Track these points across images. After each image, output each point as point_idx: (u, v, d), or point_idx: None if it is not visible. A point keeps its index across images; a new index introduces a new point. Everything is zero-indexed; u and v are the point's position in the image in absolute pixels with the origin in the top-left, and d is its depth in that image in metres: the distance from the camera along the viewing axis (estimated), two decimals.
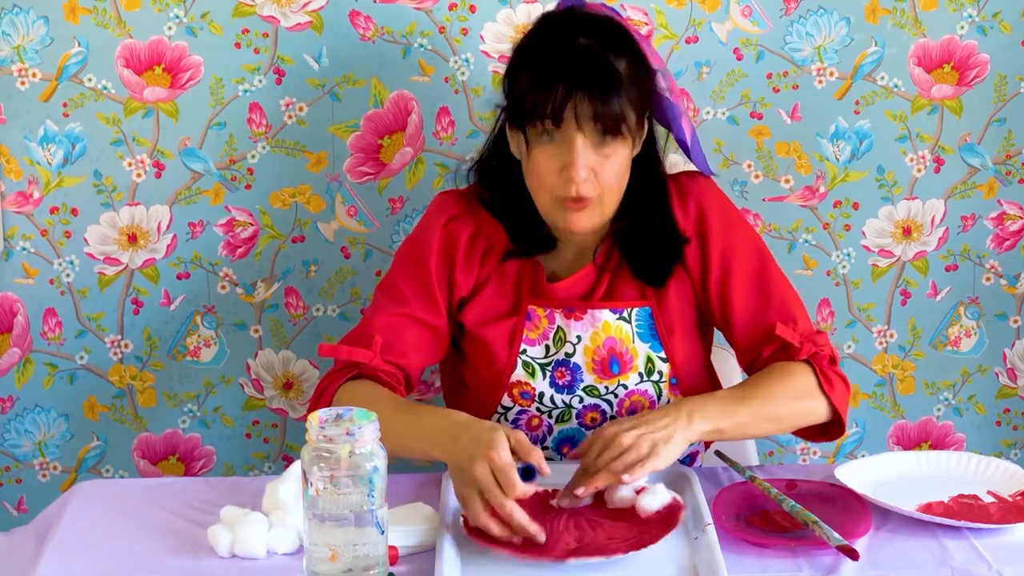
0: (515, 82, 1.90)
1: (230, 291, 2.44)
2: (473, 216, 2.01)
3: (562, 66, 1.84)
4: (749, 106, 2.41)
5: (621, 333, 1.97)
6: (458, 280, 2.00)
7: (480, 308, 2.01)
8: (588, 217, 1.90)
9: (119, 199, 2.38)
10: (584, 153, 1.84)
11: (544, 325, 1.98)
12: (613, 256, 2.00)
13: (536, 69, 1.86)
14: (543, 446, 2.00)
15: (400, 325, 1.97)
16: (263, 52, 2.33)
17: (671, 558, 1.68)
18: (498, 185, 2.00)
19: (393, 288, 2.01)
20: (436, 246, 1.99)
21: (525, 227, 1.99)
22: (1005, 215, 2.50)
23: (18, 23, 2.29)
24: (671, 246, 1.98)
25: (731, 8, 2.37)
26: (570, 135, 1.84)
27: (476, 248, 2.00)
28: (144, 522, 1.80)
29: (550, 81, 1.83)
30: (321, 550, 1.57)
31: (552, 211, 1.91)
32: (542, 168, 1.88)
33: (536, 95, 1.84)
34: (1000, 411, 2.60)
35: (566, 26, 1.90)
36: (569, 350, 1.97)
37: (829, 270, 2.50)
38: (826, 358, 1.96)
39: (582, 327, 1.97)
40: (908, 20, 2.39)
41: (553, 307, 1.98)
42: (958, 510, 1.79)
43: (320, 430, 1.56)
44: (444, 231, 1.99)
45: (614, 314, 1.98)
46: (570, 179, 1.85)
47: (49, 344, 2.43)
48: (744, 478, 1.89)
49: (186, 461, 2.51)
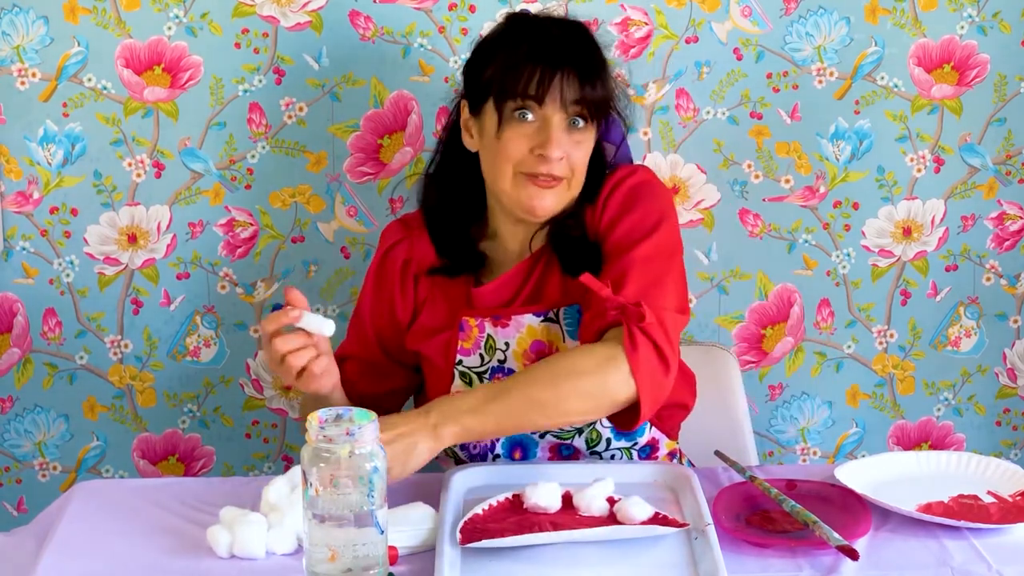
0: (484, 67, 1.92)
1: (230, 291, 2.44)
2: (408, 241, 2.04)
3: (547, 43, 1.87)
4: (749, 106, 2.41)
5: (549, 335, 1.96)
6: (397, 310, 2.04)
7: (420, 328, 2.03)
8: (554, 197, 1.91)
9: (119, 199, 2.38)
10: (561, 132, 1.87)
11: (475, 334, 1.98)
12: (540, 261, 1.99)
13: (514, 51, 1.88)
14: (494, 454, 1.98)
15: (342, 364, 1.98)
16: (263, 52, 2.33)
17: (671, 558, 1.68)
18: (441, 192, 2.02)
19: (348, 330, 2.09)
20: (372, 281, 2.06)
21: (458, 244, 2.00)
22: (1005, 215, 2.50)
23: (18, 23, 2.29)
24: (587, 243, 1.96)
25: (731, 8, 2.37)
26: (549, 115, 1.87)
27: (408, 273, 2.04)
28: (144, 522, 1.80)
29: (536, 56, 1.85)
30: (321, 550, 1.57)
31: (516, 191, 1.91)
32: (511, 146, 1.89)
33: (519, 69, 1.86)
34: (1000, 411, 2.60)
35: (538, 18, 1.94)
36: (501, 357, 1.97)
37: (829, 270, 2.50)
38: (635, 315, 1.77)
39: (508, 333, 1.97)
40: (908, 20, 2.39)
41: (483, 316, 1.98)
42: (958, 510, 1.79)
43: (320, 430, 1.56)
44: (381, 264, 2.05)
45: (537, 317, 1.97)
46: (545, 158, 1.87)
47: (49, 344, 2.43)
48: (744, 478, 1.89)
49: (186, 461, 2.51)
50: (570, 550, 1.69)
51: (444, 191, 2.03)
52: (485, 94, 1.91)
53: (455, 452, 2.01)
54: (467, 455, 2.00)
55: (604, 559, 1.67)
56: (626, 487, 1.82)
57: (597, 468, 1.90)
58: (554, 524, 1.71)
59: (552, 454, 1.99)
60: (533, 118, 1.88)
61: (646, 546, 1.70)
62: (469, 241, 2.01)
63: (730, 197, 2.45)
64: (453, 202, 2.02)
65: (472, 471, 1.91)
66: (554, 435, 1.97)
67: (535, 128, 1.88)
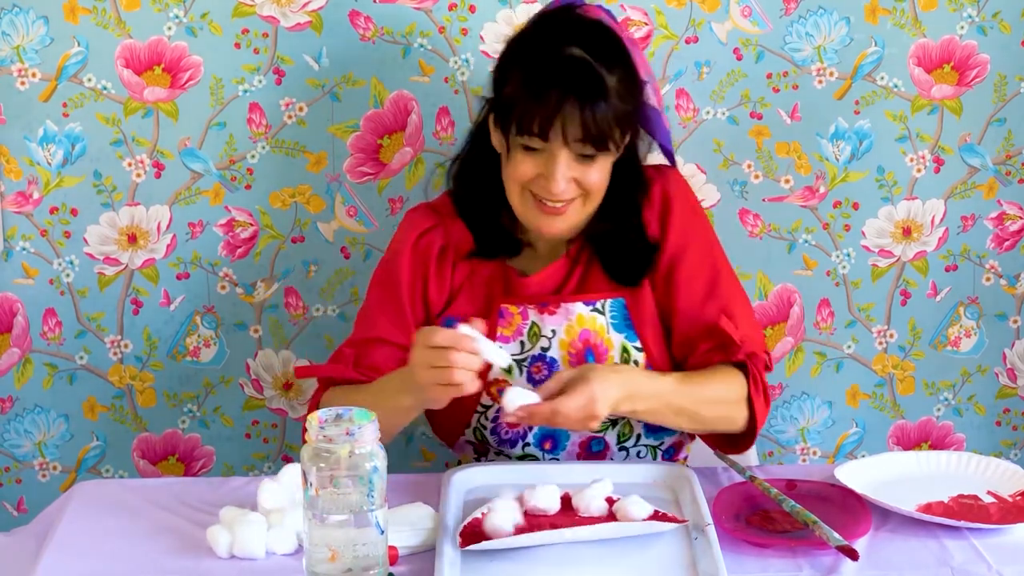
0: (504, 81, 1.91)
1: (230, 291, 2.44)
2: (442, 227, 2.03)
3: (553, 77, 1.84)
4: (749, 106, 2.41)
5: (595, 325, 1.98)
6: (432, 296, 2.02)
7: (455, 315, 2.01)
8: (565, 221, 1.92)
9: (119, 199, 2.38)
10: (565, 165, 1.86)
11: (518, 322, 1.99)
12: (585, 249, 2.01)
13: (526, 75, 1.86)
14: (524, 442, 2.00)
15: (368, 348, 2.00)
16: (263, 52, 2.33)
17: (671, 558, 1.68)
18: (474, 180, 2.02)
19: (366, 312, 2.05)
20: (407, 266, 2.01)
21: (492, 228, 2.00)
22: (1005, 215, 2.50)
23: (18, 23, 2.29)
24: (643, 249, 1.99)
25: (731, 8, 2.37)
26: (554, 149, 1.86)
27: (446, 259, 2.02)
28: (144, 522, 1.80)
29: (539, 92, 1.83)
30: (321, 550, 1.57)
31: (524, 211, 1.93)
32: (520, 169, 1.89)
33: (525, 105, 1.84)
34: (1000, 411, 2.60)
35: (560, 30, 1.89)
36: (545, 344, 1.98)
37: (829, 270, 2.50)
38: (761, 362, 1.97)
39: (556, 321, 1.98)
40: (908, 20, 2.39)
41: (526, 303, 1.99)
42: (958, 510, 1.79)
43: (320, 430, 1.56)
44: (415, 249, 2.02)
45: (587, 306, 1.98)
46: (548, 189, 1.87)
47: (49, 344, 2.43)
48: (744, 478, 1.89)
49: (186, 461, 2.51)
50: (570, 551, 1.69)
51: (474, 179, 2.02)
52: (500, 113, 1.90)
53: (485, 436, 2.01)
54: (496, 439, 2.00)
55: (604, 559, 1.67)
56: (626, 487, 1.82)
57: (596, 469, 1.91)
58: (553, 525, 1.71)
59: (581, 449, 2.01)
60: (540, 148, 1.87)
61: (646, 546, 1.71)
62: (504, 226, 2.00)
63: (730, 197, 2.45)
64: (483, 191, 2.00)
65: (472, 471, 1.91)
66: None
67: (542, 158, 1.87)
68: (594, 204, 1.93)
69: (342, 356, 2.02)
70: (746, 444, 1.99)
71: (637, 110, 1.94)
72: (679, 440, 2.09)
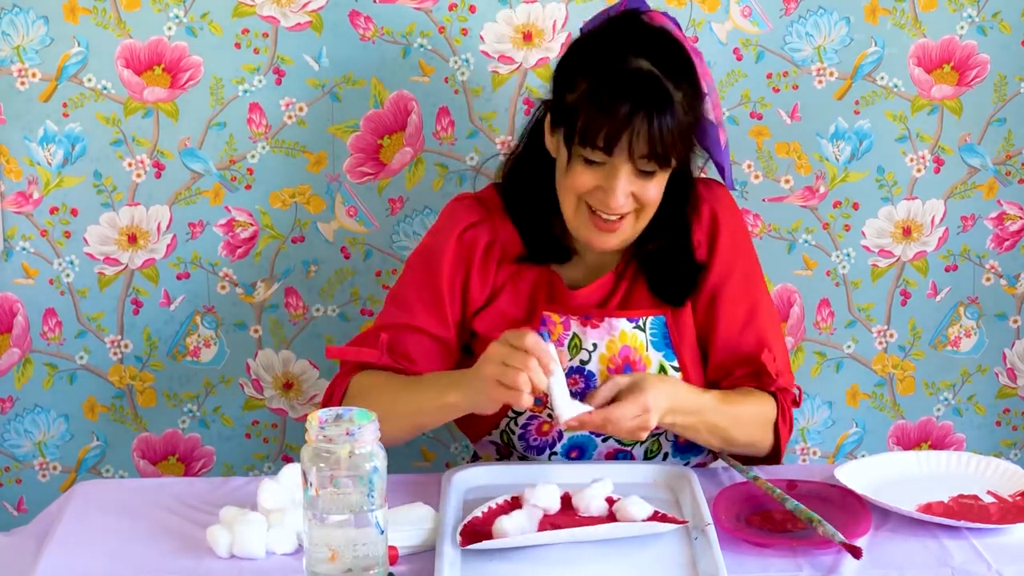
0: (567, 87, 1.87)
1: (230, 291, 2.44)
2: (489, 223, 2.00)
3: (622, 90, 1.80)
4: (749, 106, 2.41)
5: (636, 342, 1.97)
6: (473, 291, 1.99)
7: (494, 315, 2.00)
8: (617, 236, 1.91)
9: (119, 199, 2.38)
10: (626, 180, 1.84)
11: (559, 331, 1.97)
12: (632, 264, 2.00)
13: (593, 85, 1.82)
14: (552, 452, 1.99)
15: (404, 334, 1.97)
16: (263, 52, 2.33)
17: (671, 558, 1.68)
18: (526, 181, 1.99)
19: (402, 297, 2.01)
20: (450, 257, 1.98)
21: (543, 233, 1.98)
22: (1005, 215, 2.50)
23: (18, 23, 2.29)
24: (690, 269, 1.99)
25: (731, 8, 2.37)
26: (617, 163, 1.83)
27: (491, 256, 1.99)
28: (144, 522, 1.80)
29: (607, 105, 1.80)
30: (321, 550, 1.57)
31: (578, 222, 1.91)
32: (578, 180, 1.86)
33: (590, 117, 1.81)
34: (1000, 411, 2.60)
35: (628, 39, 1.86)
36: (584, 357, 1.96)
37: (829, 270, 2.50)
38: (791, 396, 2.01)
39: (599, 335, 1.96)
40: (908, 20, 2.39)
41: (569, 314, 1.98)
42: (958, 510, 1.79)
43: (320, 430, 1.56)
44: (459, 242, 1.99)
45: (630, 323, 1.97)
46: (607, 204, 1.85)
47: (49, 344, 2.43)
48: (745, 478, 1.89)
49: (186, 461, 2.51)
50: (570, 551, 1.69)
51: (527, 181, 1.99)
52: (562, 120, 1.87)
53: (513, 442, 2.00)
54: (524, 445, 1.99)
55: (604, 559, 1.67)
56: (626, 487, 1.82)
57: (597, 469, 1.90)
58: (553, 525, 1.71)
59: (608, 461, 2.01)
60: (601, 161, 1.84)
61: (646, 546, 1.70)
62: (554, 232, 1.98)
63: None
64: (536, 193, 1.97)
65: (472, 471, 1.91)
66: (616, 440, 1.97)
67: (603, 171, 1.85)
68: (647, 219, 1.90)
69: (375, 340, 1.96)
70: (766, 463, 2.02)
71: (697, 123, 1.92)
72: (703, 461, 2.08)
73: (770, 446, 1.99)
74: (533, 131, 1.99)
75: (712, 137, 1.97)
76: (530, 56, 2.36)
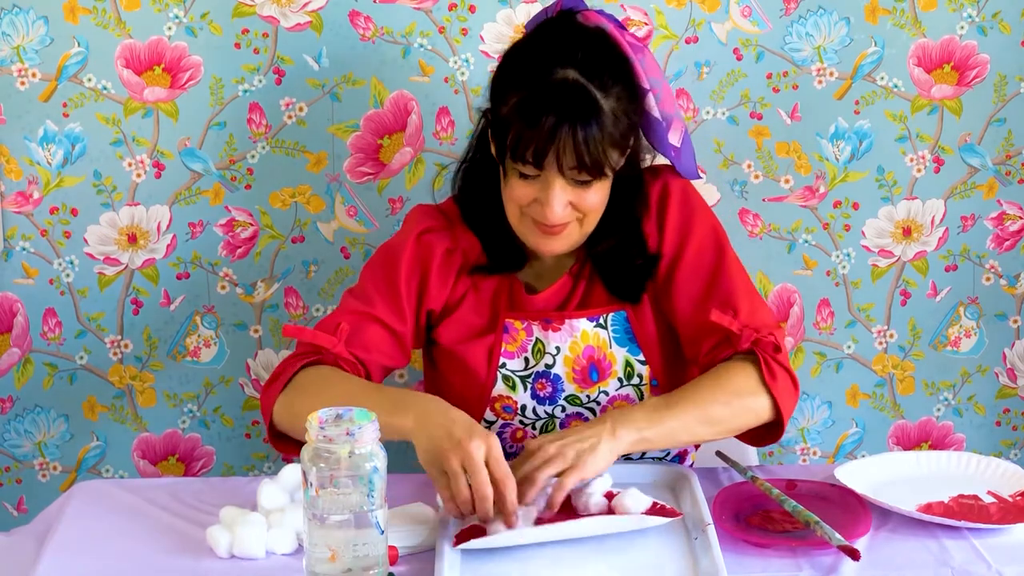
0: (499, 99, 1.86)
1: (230, 291, 2.44)
2: (450, 232, 1.99)
3: (546, 103, 1.78)
4: (749, 106, 2.41)
5: (599, 340, 1.96)
6: (431, 291, 1.98)
7: (456, 326, 1.99)
8: (563, 241, 1.89)
9: (119, 199, 2.38)
10: (561, 191, 1.82)
11: (522, 338, 1.97)
12: (587, 264, 1.99)
13: (520, 100, 1.81)
14: None
15: (364, 322, 1.95)
16: (263, 52, 2.33)
17: (671, 558, 1.68)
18: (477, 189, 1.98)
19: (360, 290, 1.99)
20: (408, 255, 1.97)
21: (499, 240, 1.97)
22: (1005, 215, 2.50)
23: (18, 23, 2.29)
24: (643, 264, 1.97)
25: (731, 8, 2.37)
26: (549, 177, 1.82)
27: (452, 263, 1.98)
28: (144, 522, 1.80)
29: (533, 119, 1.78)
30: (321, 550, 1.57)
31: (523, 230, 1.90)
32: (516, 193, 1.86)
33: (518, 132, 1.80)
34: (1000, 411, 2.60)
35: (556, 47, 1.83)
36: (549, 361, 1.96)
37: (829, 270, 2.50)
38: (770, 346, 1.90)
39: (560, 338, 1.96)
40: (908, 20, 2.39)
41: (530, 319, 1.97)
42: (958, 510, 1.79)
43: (320, 430, 1.56)
44: (418, 242, 1.98)
45: (591, 322, 1.97)
46: (544, 215, 1.84)
47: (49, 344, 2.43)
48: (744, 478, 1.89)
49: (186, 461, 2.51)
50: (570, 550, 1.69)
51: (477, 188, 1.98)
52: (496, 132, 1.87)
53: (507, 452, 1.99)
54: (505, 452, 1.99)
55: (604, 559, 1.67)
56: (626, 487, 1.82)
57: None
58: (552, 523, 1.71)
59: None
60: (534, 175, 1.83)
61: (646, 546, 1.70)
62: (508, 237, 1.96)
63: (730, 197, 2.45)
64: (487, 200, 1.96)
65: None
66: None
67: (538, 183, 1.84)
68: (592, 223, 1.89)
69: (334, 328, 1.93)
70: (778, 432, 1.92)
71: (635, 127, 1.89)
72: (683, 450, 2.08)
73: (769, 410, 1.88)
74: (480, 139, 1.98)
75: (659, 133, 1.95)
76: None
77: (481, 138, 1.98)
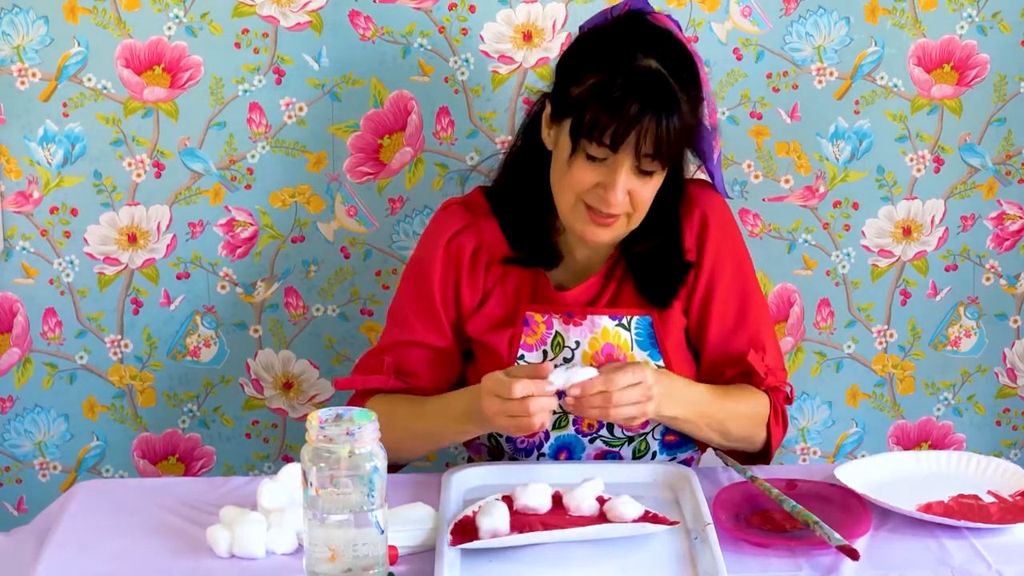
0: (573, 81, 1.86)
1: (230, 291, 2.44)
2: (475, 229, 2.01)
3: (630, 88, 1.80)
4: (749, 106, 2.41)
5: (619, 340, 1.97)
6: (464, 298, 2.01)
7: (483, 318, 2.01)
8: (611, 232, 1.91)
9: (119, 199, 2.38)
10: (626, 178, 1.84)
11: (542, 331, 1.98)
12: (620, 266, 2.00)
13: (601, 81, 1.82)
14: (539, 453, 1.99)
15: (406, 351, 2.01)
16: (263, 52, 2.33)
17: (671, 558, 1.68)
18: (521, 177, 1.99)
19: (399, 313, 2.04)
20: (439, 267, 2.00)
21: (532, 236, 1.99)
22: (1005, 215, 2.50)
23: (18, 23, 2.29)
24: (678, 271, 1.99)
25: (731, 8, 2.37)
26: (620, 161, 1.83)
27: (479, 262, 2.01)
28: (144, 522, 1.80)
29: (616, 102, 1.80)
30: (321, 550, 1.57)
31: (573, 216, 1.91)
32: (577, 175, 1.86)
33: (598, 113, 1.81)
34: (1000, 411, 2.60)
35: (636, 38, 1.86)
36: (567, 355, 1.97)
37: (829, 270, 2.50)
38: (783, 395, 2.03)
39: (581, 332, 1.97)
40: (908, 20, 2.39)
41: (551, 313, 1.98)
42: (958, 510, 1.79)
43: (320, 430, 1.56)
44: (447, 250, 2.00)
45: (613, 320, 1.97)
46: (606, 200, 1.85)
47: (49, 344, 2.43)
48: (744, 478, 1.89)
49: (186, 461, 2.51)
50: (568, 551, 1.69)
51: (520, 180, 1.99)
52: (565, 113, 1.87)
53: (500, 443, 2.00)
54: (512, 448, 2.00)
55: (603, 559, 1.68)
56: (626, 487, 1.82)
57: (596, 468, 1.90)
58: (544, 524, 1.71)
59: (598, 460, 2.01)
60: (604, 158, 1.84)
61: (646, 546, 1.71)
62: (544, 233, 1.99)
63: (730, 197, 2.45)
64: (528, 192, 1.98)
65: (471, 471, 1.91)
66: (604, 441, 1.98)
67: (605, 167, 1.85)
68: (638, 220, 1.91)
69: (379, 365, 2.01)
70: (758, 462, 2.04)
71: (695, 130, 1.92)
72: (690, 457, 2.08)
73: (762, 442, 2.01)
74: (530, 125, 2.00)
75: (708, 142, 1.97)
76: (530, 56, 2.36)
77: (530, 127, 1.99)
